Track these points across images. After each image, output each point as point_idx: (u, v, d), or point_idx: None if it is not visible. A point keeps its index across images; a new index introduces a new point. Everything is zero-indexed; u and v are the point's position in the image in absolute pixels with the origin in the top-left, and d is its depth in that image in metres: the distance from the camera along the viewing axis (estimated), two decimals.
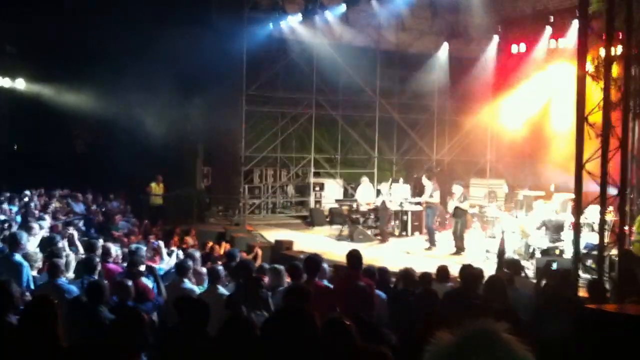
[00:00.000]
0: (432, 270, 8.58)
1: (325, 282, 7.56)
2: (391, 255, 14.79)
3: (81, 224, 13.91)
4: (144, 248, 9.25)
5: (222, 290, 6.94)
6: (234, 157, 21.59)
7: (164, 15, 20.34)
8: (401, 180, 19.50)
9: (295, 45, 21.79)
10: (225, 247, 13.12)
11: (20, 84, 23.53)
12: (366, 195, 18.31)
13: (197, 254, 8.99)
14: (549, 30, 20.14)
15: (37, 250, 8.89)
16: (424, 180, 16.63)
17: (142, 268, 7.80)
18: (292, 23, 21.01)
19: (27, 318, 4.61)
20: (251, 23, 20.77)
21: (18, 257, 7.40)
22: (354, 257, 7.33)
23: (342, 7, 20.17)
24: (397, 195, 17.88)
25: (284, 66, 21.83)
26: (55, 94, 23.17)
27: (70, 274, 7.35)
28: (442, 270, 8.37)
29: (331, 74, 21.91)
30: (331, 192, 22.57)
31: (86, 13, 20.03)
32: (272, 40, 21.68)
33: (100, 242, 9.14)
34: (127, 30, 20.31)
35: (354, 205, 18.64)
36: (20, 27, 20.04)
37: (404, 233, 18.03)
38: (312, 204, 22.22)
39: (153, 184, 20.12)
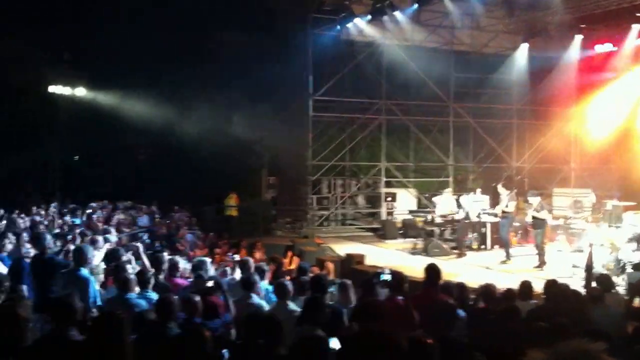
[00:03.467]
0: (514, 286, 8.41)
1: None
2: (469, 270, 14.60)
3: (145, 237, 14.22)
4: (209, 261, 9.37)
5: (292, 306, 6.91)
6: (300, 166, 21.69)
7: (226, 21, 20.69)
8: (479, 190, 19.18)
9: (363, 48, 21.79)
10: (294, 260, 13.20)
11: (80, 92, 24.27)
12: (446, 206, 18.06)
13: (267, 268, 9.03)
14: (636, 27, 19.53)
15: (100, 263, 9.13)
16: (500, 189, 16.39)
17: (210, 283, 7.91)
18: (359, 24, 20.98)
19: (94, 334, 4.73)
20: (317, 25, 20.89)
21: (84, 271, 7.55)
22: (433, 271, 7.21)
23: (413, 7, 20.03)
24: (475, 206, 17.63)
25: (351, 70, 21.83)
26: (116, 102, 23.86)
27: (138, 289, 7.48)
28: (526, 287, 8.18)
29: (401, 78, 21.81)
30: (404, 202, 22.38)
31: (147, 20, 20.52)
32: (339, 43, 21.72)
33: (167, 255, 9.27)
34: (188, 37, 20.75)
35: (429, 217, 18.45)
36: (78, 34, 20.66)
37: (482, 246, 17.73)
38: (383, 216, 22.08)
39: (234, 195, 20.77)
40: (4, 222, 13.98)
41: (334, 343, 5.15)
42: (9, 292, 6.51)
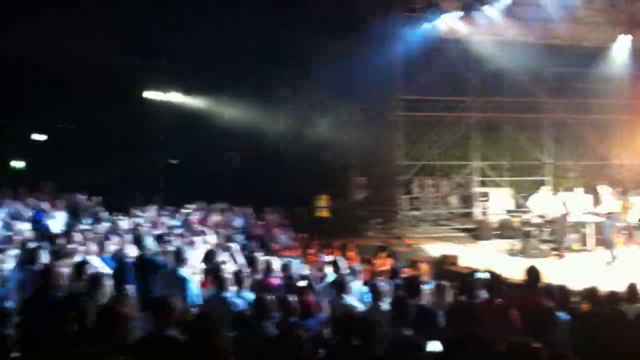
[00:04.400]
0: (620, 289, 8.08)
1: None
2: (570, 272, 14.12)
3: (240, 237, 14.48)
4: (297, 261, 9.45)
5: (386, 307, 6.90)
6: (390, 166, 21.56)
7: (313, 21, 20.79)
8: (580, 189, 18.52)
9: (452, 45, 21.42)
10: (387, 262, 13.12)
11: (174, 97, 25.02)
12: (542, 205, 17.56)
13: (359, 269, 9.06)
14: None
15: (199, 264, 9.35)
16: (602, 188, 15.90)
17: (302, 283, 7.99)
18: (449, 21, 20.67)
19: (194, 332, 4.85)
20: (405, 23, 20.70)
21: (183, 272, 7.79)
22: (533, 273, 7.06)
23: (506, 1, 19.57)
24: (576, 205, 17.06)
25: (441, 67, 21.52)
26: (208, 106, 24.44)
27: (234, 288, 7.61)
28: (633, 290, 7.86)
29: (493, 74, 21.38)
30: (499, 202, 21.87)
31: (235, 23, 20.86)
32: (428, 40, 21.37)
33: (262, 256, 9.41)
34: (275, 38, 20.97)
35: (526, 217, 17.99)
36: (172, 40, 21.22)
37: (584, 247, 17.15)
38: (477, 216, 21.67)
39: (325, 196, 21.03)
40: (107, 224, 14.51)
41: (434, 346, 5.09)
42: (114, 292, 6.76)
